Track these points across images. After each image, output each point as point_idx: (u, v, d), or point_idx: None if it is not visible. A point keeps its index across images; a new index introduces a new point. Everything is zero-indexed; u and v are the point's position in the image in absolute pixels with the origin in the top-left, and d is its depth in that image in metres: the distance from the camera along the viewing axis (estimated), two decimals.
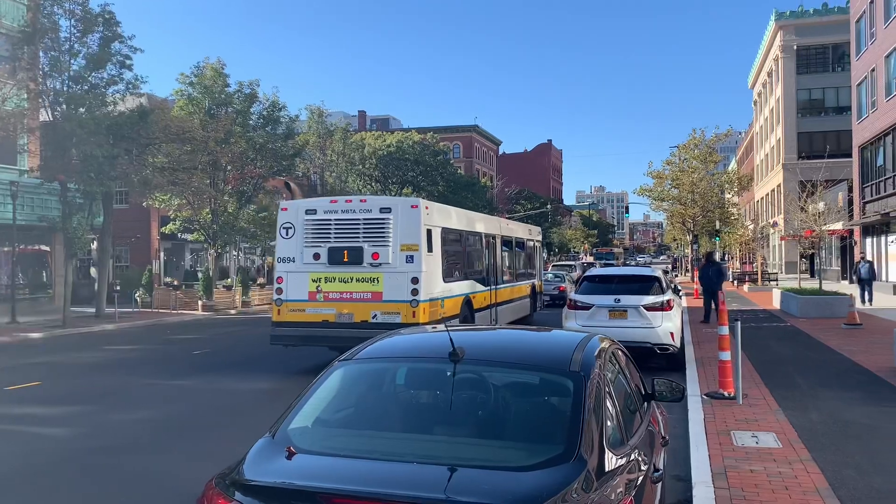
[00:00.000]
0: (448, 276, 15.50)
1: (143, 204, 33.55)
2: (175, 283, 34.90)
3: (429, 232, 14.38)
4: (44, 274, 31.68)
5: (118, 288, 30.68)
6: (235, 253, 40.31)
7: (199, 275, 35.14)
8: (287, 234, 14.51)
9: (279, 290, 14.43)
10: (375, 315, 13.84)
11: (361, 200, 14.65)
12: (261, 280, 39.89)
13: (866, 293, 25.53)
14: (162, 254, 41.14)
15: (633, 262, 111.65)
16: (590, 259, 74.94)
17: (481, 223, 19.27)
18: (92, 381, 13.24)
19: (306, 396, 3.78)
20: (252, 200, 35.65)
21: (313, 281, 14.15)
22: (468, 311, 16.58)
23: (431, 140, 58.75)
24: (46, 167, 24.79)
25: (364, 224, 14.13)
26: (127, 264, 38.87)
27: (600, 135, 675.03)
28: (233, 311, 31.05)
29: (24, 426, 9.51)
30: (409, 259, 13.88)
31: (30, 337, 21.42)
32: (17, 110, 24.11)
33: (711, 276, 20.68)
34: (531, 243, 25.02)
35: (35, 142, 26.65)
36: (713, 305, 19.95)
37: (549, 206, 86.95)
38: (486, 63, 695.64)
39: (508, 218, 69.61)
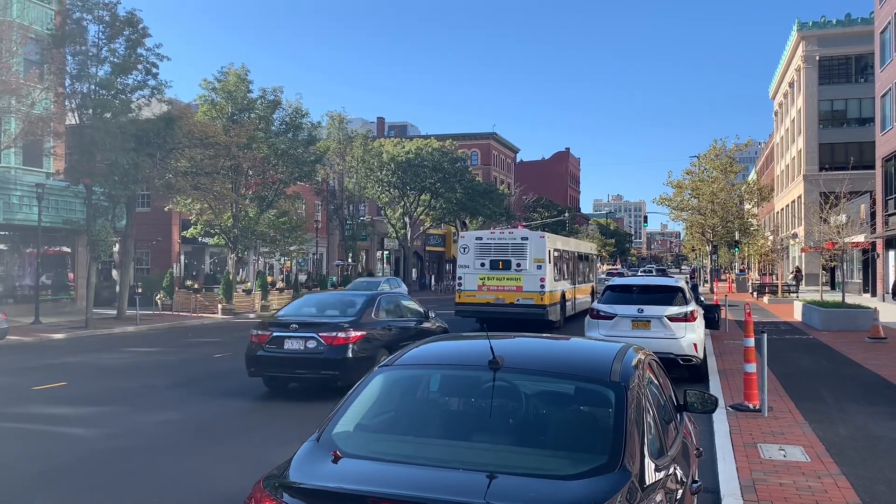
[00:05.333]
0: (556, 277, 24.14)
1: (166, 208, 33.90)
2: (195, 286, 35.16)
3: (549, 251, 23.28)
4: (66, 275, 32.08)
5: (139, 290, 31.01)
6: (255, 257, 40.53)
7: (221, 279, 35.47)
8: (464, 252, 23.63)
9: (459, 284, 23.54)
10: (518, 299, 22.64)
11: (510, 232, 24.10)
12: (280, 284, 40.06)
13: None
14: (182, 257, 41.48)
15: (640, 273, 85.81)
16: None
17: (569, 244, 28.55)
18: (116, 383, 13.38)
19: (349, 401, 3.83)
20: (273, 205, 35.88)
21: (480, 279, 23.09)
22: (562, 301, 24.62)
23: (450, 147, 58.85)
24: (72, 170, 25.12)
25: (511, 246, 23.11)
26: (148, 267, 39.24)
27: (618, 143, 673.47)
28: (252, 315, 31.21)
29: (53, 426, 9.63)
30: (539, 267, 22.68)
31: (53, 338, 21.67)
32: (44, 114, 24.49)
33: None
34: (592, 256, 33.69)
35: (61, 145, 27.03)
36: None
37: (566, 215, 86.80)
38: (505, 70, 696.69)
39: (525, 226, 69.62)
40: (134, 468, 7.51)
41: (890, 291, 19.87)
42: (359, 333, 11.23)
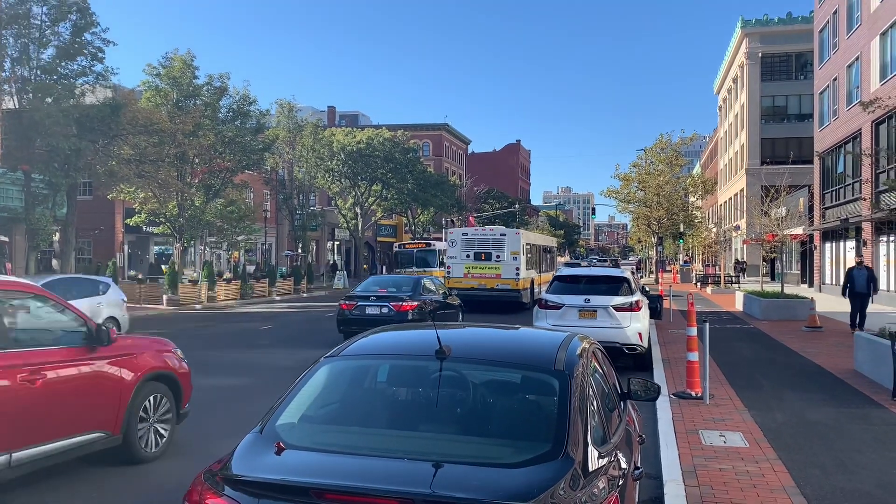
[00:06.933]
0: (527, 267, 28.33)
1: (109, 196, 32.98)
2: (139, 276, 34.34)
3: (523, 245, 27.59)
4: (3, 265, 30.94)
5: None
6: (202, 247, 39.75)
7: (164, 268, 34.73)
8: (453, 245, 27.90)
9: (448, 272, 27.63)
10: (497, 285, 26.76)
11: (491, 229, 28.86)
12: (227, 275, 39.39)
13: (859, 314, 17.79)
14: (126, 247, 40.47)
15: (597, 263, 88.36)
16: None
17: (537, 239, 34.55)
18: None
19: (293, 392, 3.79)
20: (220, 194, 35.22)
21: (465, 268, 27.29)
22: (532, 286, 28.67)
23: (401, 137, 58.60)
24: (9, 156, 24.23)
25: (492, 240, 27.41)
26: (90, 257, 38.14)
27: (568, 136, 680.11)
28: (198, 306, 30.65)
29: None
30: (514, 258, 26.86)
31: None
32: None
33: None
34: (553, 248, 40.15)
35: None
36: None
37: (516, 206, 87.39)
38: (457, 62, 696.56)
39: (476, 217, 69.86)
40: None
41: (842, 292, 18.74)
42: (415, 303, 17.09)
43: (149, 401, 7.35)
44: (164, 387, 7.62)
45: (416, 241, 53.51)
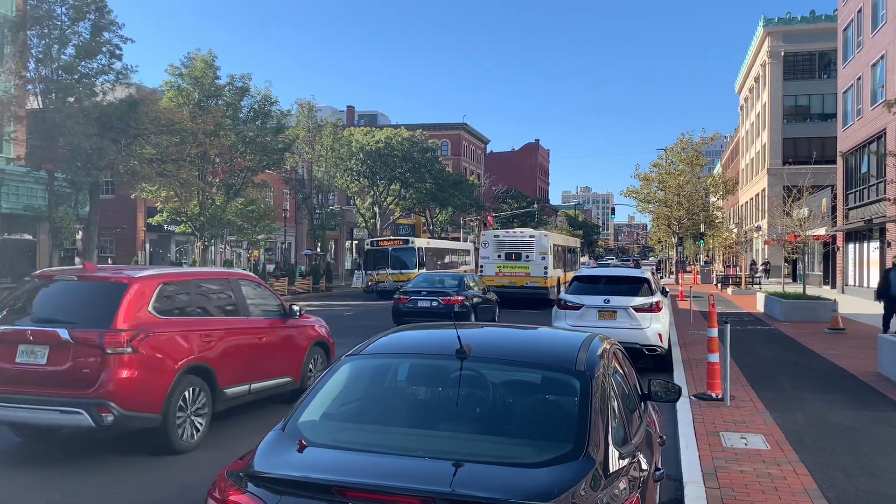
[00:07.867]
0: (554, 266, 30.81)
1: (131, 195, 33.35)
2: None
3: (550, 246, 30.07)
4: (27, 263, 31.36)
5: None
6: (222, 246, 40.07)
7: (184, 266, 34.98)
8: (486, 246, 30.54)
9: (481, 270, 30.28)
10: (527, 283, 29.18)
11: (521, 232, 31.25)
12: None
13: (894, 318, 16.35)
14: (148, 245, 40.90)
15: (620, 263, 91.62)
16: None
17: (562, 240, 37.30)
18: None
19: (315, 390, 3.82)
20: (240, 193, 35.48)
21: (497, 267, 29.72)
22: (558, 284, 30.67)
23: (420, 137, 58.65)
24: (33, 156, 24.57)
25: (522, 242, 29.92)
26: (112, 255, 38.59)
27: (587, 136, 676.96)
28: None
29: None
30: (543, 258, 29.42)
31: None
32: (4, 97, 23.88)
33: None
34: (577, 248, 43.48)
35: (22, 130, 26.38)
36: None
37: (535, 206, 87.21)
38: (476, 61, 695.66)
39: (494, 217, 69.82)
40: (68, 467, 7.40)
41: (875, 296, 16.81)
42: (460, 297, 19.29)
43: (313, 359, 10.26)
44: (322, 351, 10.59)
45: (391, 237, 44.75)
